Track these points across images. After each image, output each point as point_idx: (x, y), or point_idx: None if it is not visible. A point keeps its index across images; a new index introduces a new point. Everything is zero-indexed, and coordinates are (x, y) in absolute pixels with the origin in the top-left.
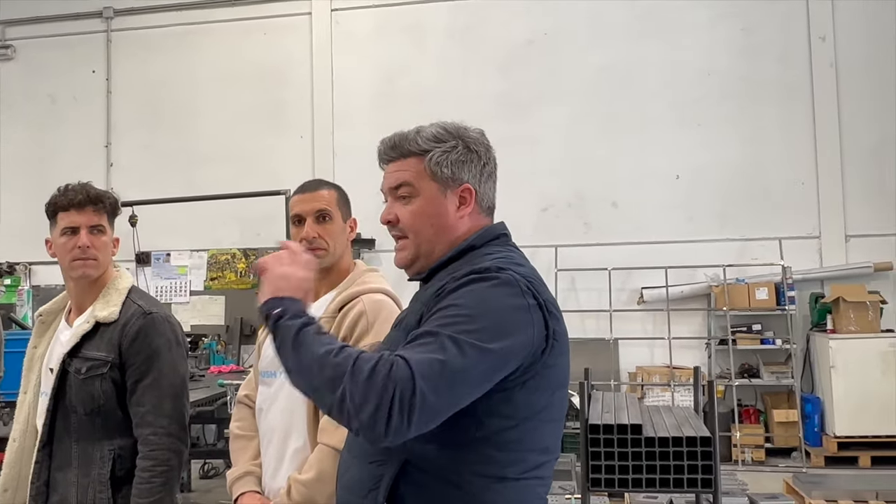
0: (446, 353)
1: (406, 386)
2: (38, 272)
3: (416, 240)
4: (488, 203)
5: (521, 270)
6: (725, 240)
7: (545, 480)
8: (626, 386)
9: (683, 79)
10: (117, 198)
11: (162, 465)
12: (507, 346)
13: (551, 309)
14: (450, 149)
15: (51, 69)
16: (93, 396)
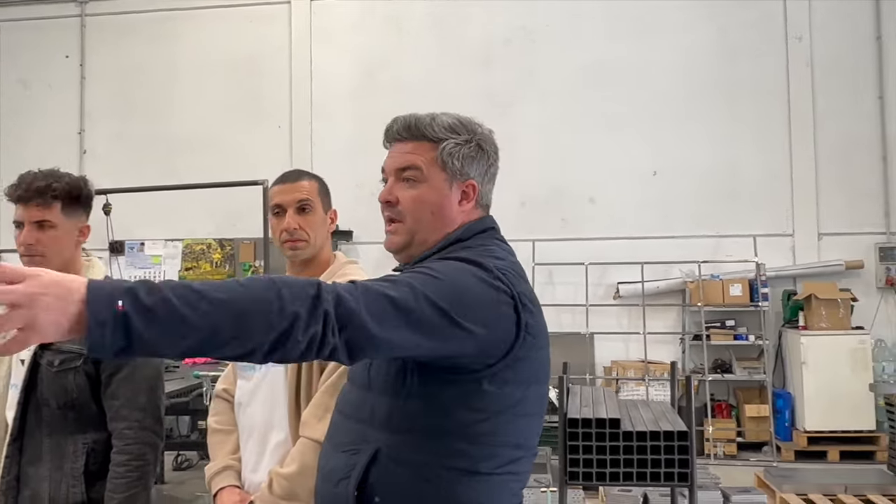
0: (398, 292)
1: (347, 306)
2: (8, 259)
3: (413, 225)
4: (486, 202)
5: (496, 263)
6: (700, 236)
7: (520, 476)
8: (601, 380)
9: (660, 77)
10: (82, 184)
11: (137, 459)
12: (461, 316)
13: (525, 301)
14: (463, 142)
15: (22, 54)
16: (66, 389)
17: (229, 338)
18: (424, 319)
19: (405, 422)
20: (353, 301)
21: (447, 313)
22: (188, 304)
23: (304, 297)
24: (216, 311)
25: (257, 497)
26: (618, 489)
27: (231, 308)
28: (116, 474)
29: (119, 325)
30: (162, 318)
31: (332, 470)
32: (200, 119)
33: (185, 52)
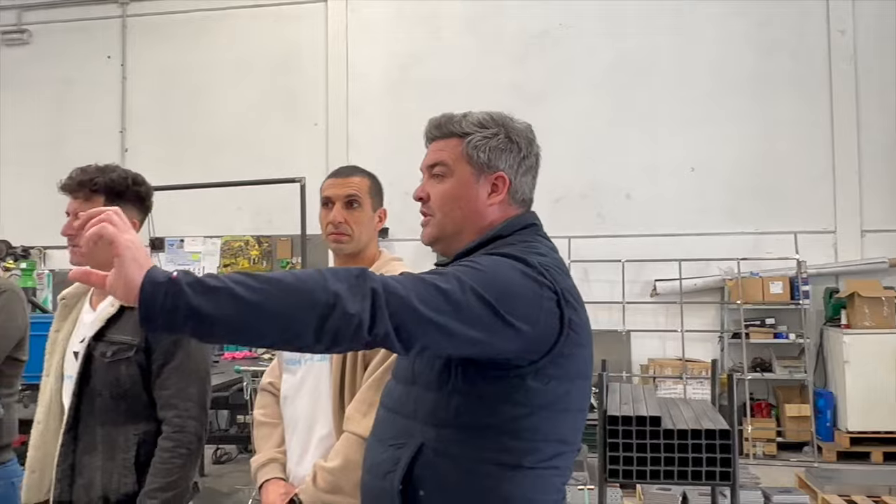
0: (447, 283)
1: (396, 293)
2: (53, 256)
3: (442, 219)
4: (523, 196)
5: (539, 259)
6: (740, 233)
7: (563, 471)
8: (637, 378)
9: (698, 72)
10: (129, 181)
11: (183, 447)
12: (507, 310)
13: (568, 298)
14: (490, 135)
15: (66, 54)
16: (118, 380)
17: (275, 314)
18: (472, 311)
19: (449, 416)
20: (402, 288)
21: (493, 307)
22: (235, 280)
23: (348, 276)
24: (263, 287)
25: (301, 490)
26: (656, 488)
27: (278, 284)
28: (161, 459)
29: (171, 288)
30: (209, 288)
31: (377, 463)
32: (238, 117)
33: (223, 52)
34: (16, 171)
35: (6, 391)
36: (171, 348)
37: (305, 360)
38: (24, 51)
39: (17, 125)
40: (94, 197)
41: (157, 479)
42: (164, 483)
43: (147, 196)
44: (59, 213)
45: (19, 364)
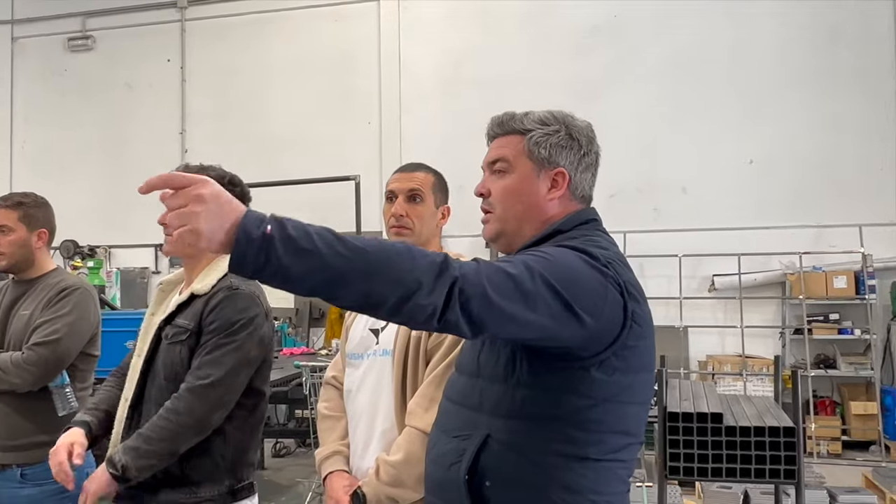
0: (517, 270)
1: (469, 279)
2: (117, 255)
3: (502, 214)
4: (582, 192)
5: (602, 252)
6: (801, 226)
7: (628, 464)
8: (695, 375)
9: (756, 63)
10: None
11: (173, 416)
12: (574, 300)
13: (631, 290)
14: (552, 132)
15: (128, 58)
16: (172, 362)
17: (357, 286)
18: (541, 299)
19: (514, 408)
20: (477, 275)
21: (561, 295)
22: (327, 244)
23: (432, 262)
24: (352, 255)
25: (364, 483)
26: (717, 486)
27: (366, 256)
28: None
29: (263, 245)
30: (301, 249)
31: (442, 455)
32: (293, 117)
33: (278, 53)
34: (81, 173)
35: (80, 385)
36: (212, 335)
37: (368, 355)
38: (88, 56)
39: (83, 128)
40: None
41: (137, 435)
42: (139, 439)
43: (243, 197)
44: (123, 213)
45: (92, 359)
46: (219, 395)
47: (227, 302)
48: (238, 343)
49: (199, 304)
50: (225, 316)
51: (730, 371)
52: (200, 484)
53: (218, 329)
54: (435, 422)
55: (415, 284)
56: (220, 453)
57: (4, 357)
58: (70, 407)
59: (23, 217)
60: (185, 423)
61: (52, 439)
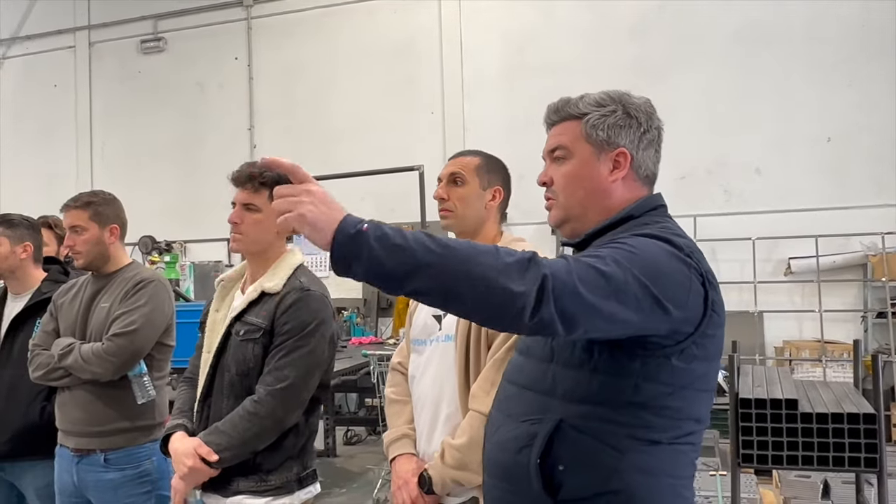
0: (607, 266)
1: (560, 278)
2: (192, 249)
3: (565, 201)
4: (646, 171)
5: (680, 241)
6: (884, 205)
7: (696, 447)
8: (771, 361)
9: (832, 33)
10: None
11: (256, 417)
12: (662, 293)
13: (711, 279)
14: (608, 113)
15: (197, 58)
16: (245, 358)
17: (443, 284)
18: (631, 294)
19: (591, 394)
20: (567, 274)
21: (650, 290)
22: (418, 241)
23: (521, 261)
24: (442, 251)
25: (430, 466)
26: (794, 475)
27: (456, 253)
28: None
29: (359, 239)
30: (393, 245)
31: (510, 439)
32: (357, 109)
33: (342, 46)
34: (157, 171)
35: (157, 374)
36: (287, 335)
37: (431, 341)
38: (160, 58)
39: (157, 128)
40: (261, 189)
41: (219, 431)
42: (223, 437)
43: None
44: (196, 209)
45: (168, 349)
46: (297, 396)
47: (300, 304)
48: (312, 345)
49: (271, 304)
50: (299, 318)
51: (808, 357)
52: (271, 472)
53: (292, 331)
54: (495, 405)
55: (504, 278)
56: (293, 444)
57: (86, 348)
58: (148, 395)
59: (93, 216)
60: (266, 425)
61: (133, 426)
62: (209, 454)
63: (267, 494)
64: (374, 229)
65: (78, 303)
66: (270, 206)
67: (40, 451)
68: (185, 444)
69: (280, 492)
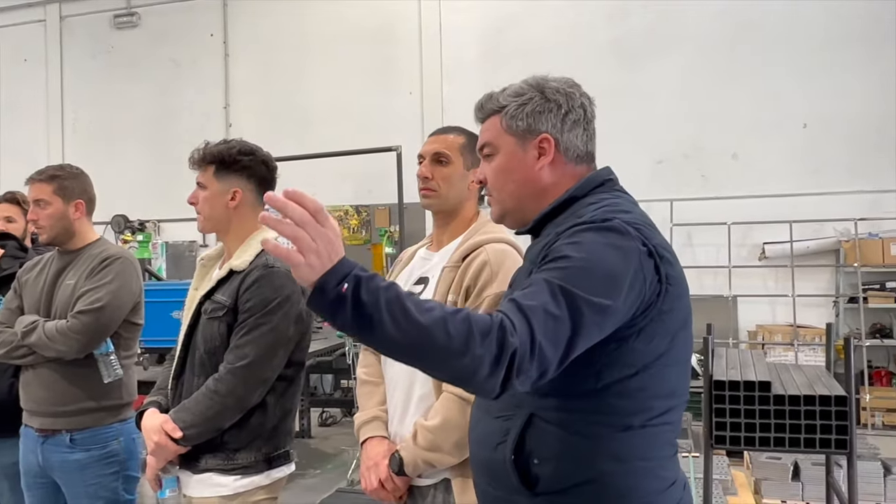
0: (560, 308)
1: (526, 348)
2: (166, 229)
3: (499, 196)
4: (576, 152)
5: (627, 217)
6: (856, 192)
7: (673, 426)
8: (745, 345)
9: (810, 20)
10: (233, 147)
11: (216, 395)
12: (619, 298)
13: (662, 253)
14: (526, 101)
15: (172, 34)
16: (210, 336)
17: (412, 360)
18: (588, 323)
19: (557, 386)
20: (531, 341)
21: (604, 306)
22: (393, 319)
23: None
24: (411, 332)
25: (402, 447)
26: (766, 456)
27: (423, 336)
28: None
29: (336, 302)
30: (365, 316)
31: (486, 435)
32: (335, 89)
33: (320, 25)
34: (130, 149)
35: (124, 353)
36: (249, 313)
37: None
38: (133, 33)
39: (130, 104)
40: (206, 166)
41: (185, 408)
42: (187, 414)
43: (252, 166)
44: (171, 188)
45: (136, 327)
46: (258, 375)
47: (263, 280)
48: (275, 322)
49: (236, 281)
50: (261, 295)
51: (781, 341)
52: (238, 451)
53: (254, 308)
54: (475, 401)
55: (471, 363)
56: (259, 422)
57: (50, 325)
58: (115, 374)
59: (58, 189)
60: (226, 402)
61: (99, 405)
62: (174, 430)
63: (234, 473)
64: (352, 293)
65: (43, 279)
66: (215, 182)
67: (6, 428)
68: (153, 420)
69: (248, 471)
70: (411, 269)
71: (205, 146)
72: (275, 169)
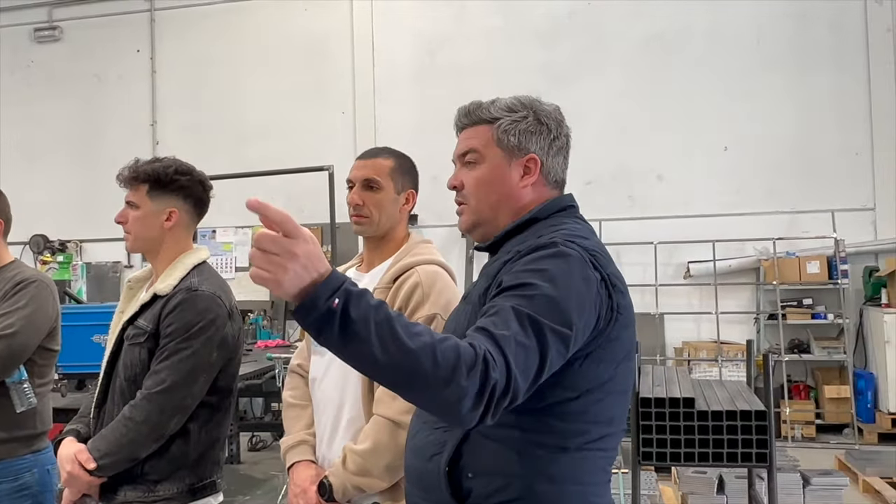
0: (529, 338)
1: (503, 381)
2: (90, 249)
3: (476, 205)
4: (556, 177)
5: (585, 244)
6: (775, 212)
7: (608, 453)
8: (671, 361)
9: (732, 47)
10: (171, 171)
11: (131, 421)
12: (580, 326)
13: (615, 282)
14: (520, 119)
15: (96, 49)
16: (132, 363)
17: (395, 384)
18: (554, 352)
19: None
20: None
21: (567, 335)
22: (381, 340)
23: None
24: (398, 356)
25: (331, 472)
26: (692, 470)
27: (410, 361)
28: (113, 423)
29: (325, 317)
30: (354, 334)
31: (423, 446)
32: (266, 107)
33: (250, 42)
34: (51, 167)
35: (39, 381)
36: (169, 338)
37: None
38: (55, 47)
39: (51, 121)
40: (138, 185)
41: (101, 437)
42: (103, 443)
43: (189, 186)
44: (94, 207)
45: (52, 354)
46: (175, 401)
47: (186, 304)
48: (195, 347)
49: (159, 305)
50: (183, 318)
51: (705, 357)
52: (159, 482)
53: (175, 333)
54: (416, 412)
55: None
56: (182, 452)
57: None
58: (28, 403)
59: None
60: (141, 430)
61: (11, 436)
62: (87, 461)
63: None
64: (342, 309)
65: None
66: (149, 202)
67: None
68: (68, 450)
69: (170, 503)
70: None
71: (136, 163)
72: (210, 188)
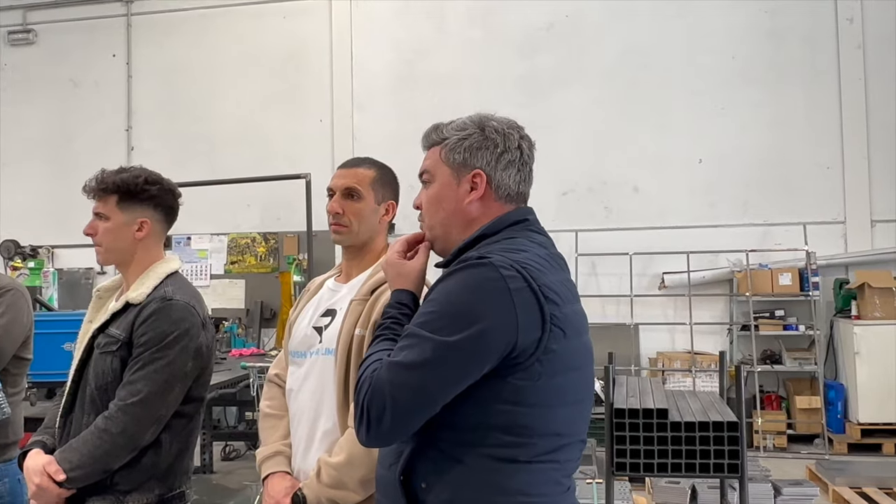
0: (414, 354)
1: (378, 395)
2: (62, 255)
3: (430, 222)
4: (508, 191)
5: (513, 256)
6: (748, 225)
7: (563, 465)
8: (646, 371)
9: (707, 62)
10: (140, 176)
11: (106, 433)
12: (473, 334)
13: (547, 293)
14: (466, 136)
15: (72, 53)
16: (103, 372)
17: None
18: (448, 369)
19: (445, 416)
20: (370, 395)
21: (457, 345)
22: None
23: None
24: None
25: (305, 485)
26: (665, 481)
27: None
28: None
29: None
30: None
31: (385, 455)
32: (244, 114)
33: (227, 49)
34: (24, 171)
35: (12, 390)
36: (143, 347)
37: (311, 353)
38: (29, 51)
39: (25, 125)
40: (106, 196)
41: (71, 448)
42: (74, 454)
43: (159, 195)
44: (68, 212)
45: (24, 363)
46: (151, 412)
47: (160, 313)
48: (171, 357)
49: (132, 314)
50: (158, 328)
51: (679, 367)
52: (129, 493)
53: (149, 342)
54: None
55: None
56: (153, 462)
57: None
58: (2, 412)
59: None
60: (117, 442)
61: None
62: (57, 473)
63: None
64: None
65: None
66: (119, 213)
67: None
68: (35, 462)
69: None
70: (318, 300)
71: (102, 174)
72: (179, 196)
